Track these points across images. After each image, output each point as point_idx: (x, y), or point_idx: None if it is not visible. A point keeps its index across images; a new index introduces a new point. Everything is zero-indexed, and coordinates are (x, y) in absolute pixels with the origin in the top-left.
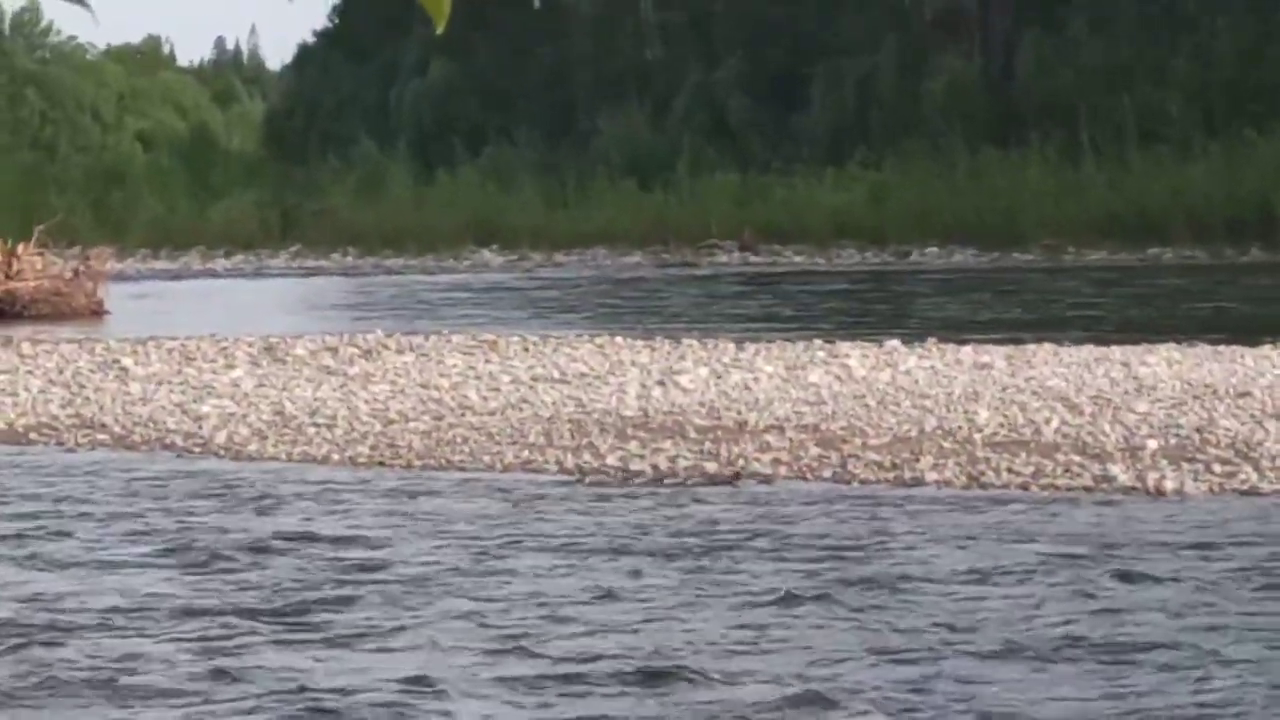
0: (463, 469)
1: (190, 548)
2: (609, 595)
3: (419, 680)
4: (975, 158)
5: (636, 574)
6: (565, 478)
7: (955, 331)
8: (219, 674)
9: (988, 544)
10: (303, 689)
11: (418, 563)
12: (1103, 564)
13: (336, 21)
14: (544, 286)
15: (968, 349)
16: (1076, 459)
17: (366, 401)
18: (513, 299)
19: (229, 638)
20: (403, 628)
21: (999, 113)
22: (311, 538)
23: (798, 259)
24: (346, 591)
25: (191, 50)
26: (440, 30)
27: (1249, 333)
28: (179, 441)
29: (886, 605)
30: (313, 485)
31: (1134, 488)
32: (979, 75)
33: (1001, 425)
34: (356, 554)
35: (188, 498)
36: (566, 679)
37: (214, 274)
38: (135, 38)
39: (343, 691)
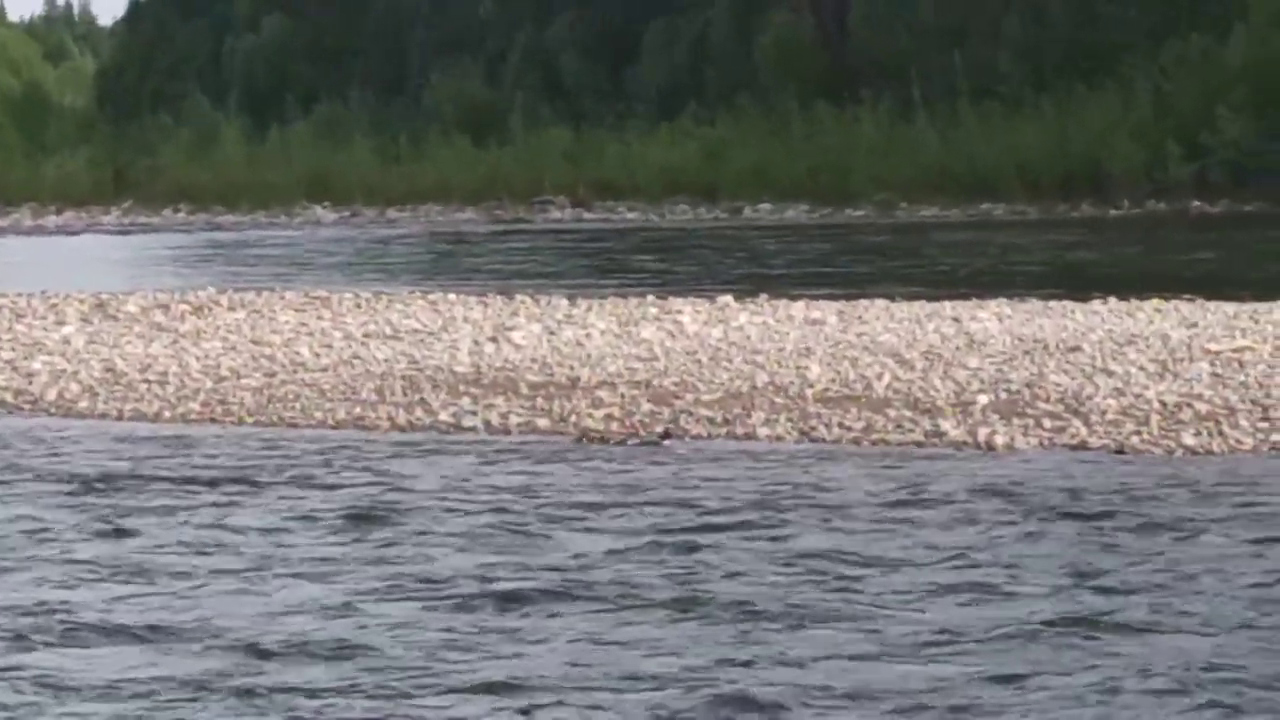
0: (294, 425)
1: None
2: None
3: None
4: (808, 114)
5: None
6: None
7: (787, 287)
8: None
9: (815, 495)
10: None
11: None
12: (932, 515)
13: None
14: (377, 243)
15: (799, 305)
16: (908, 414)
17: (198, 358)
18: (345, 255)
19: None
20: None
21: (832, 69)
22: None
23: (631, 215)
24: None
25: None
26: None
27: (1080, 288)
28: (9, 399)
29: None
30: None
31: (965, 442)
32: (812, 32)
33: (833, 381)
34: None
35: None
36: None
37: (45, 230)
38: None
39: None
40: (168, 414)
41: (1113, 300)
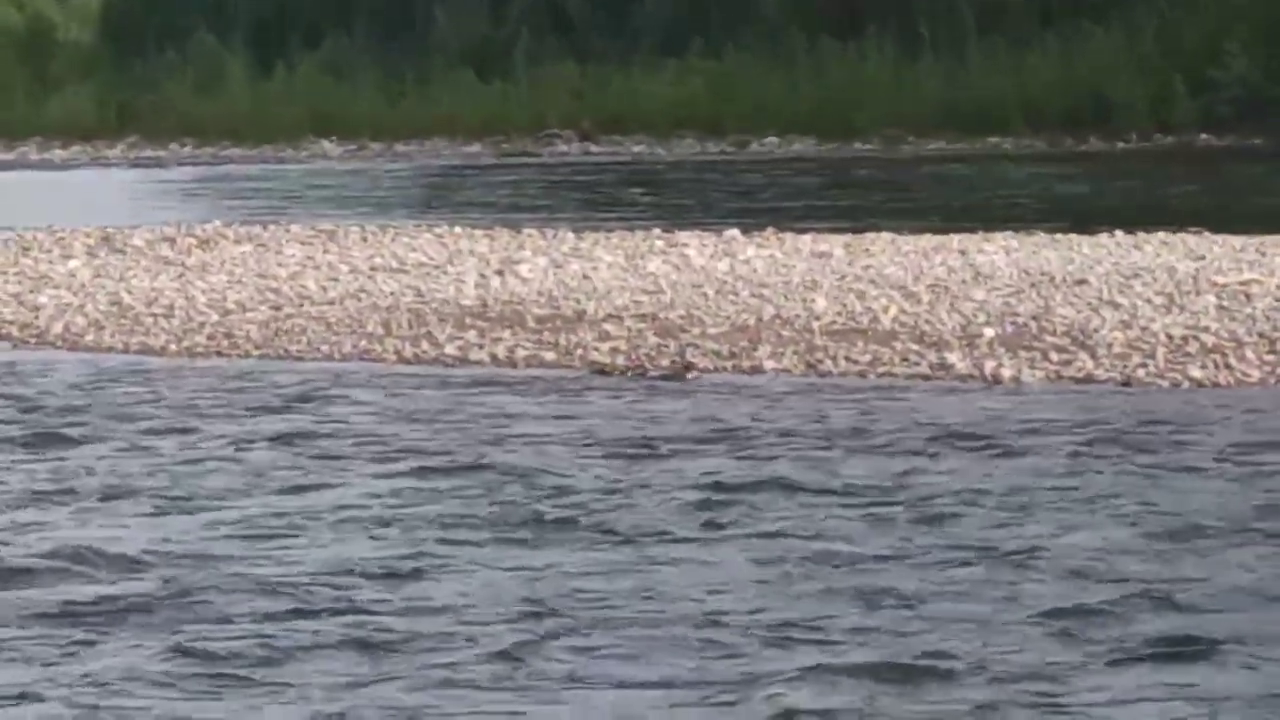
0: (300, 358)
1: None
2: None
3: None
4: (814, 50)
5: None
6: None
7: (794, 221)
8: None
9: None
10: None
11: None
12: (940, 448)
13: None
14: (384, 177)
15: (806, 238)
16: (914, 347)
17: (204, 292)
18: (352, 189)
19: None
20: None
21: (837, 5)
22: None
23: (637, 149)
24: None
25: None
26: None
27: (1086, 222)
28: (15, 332)
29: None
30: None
31: (971, 375)
32: None
33: (839, 314)
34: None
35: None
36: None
37: (51, 165)
38: None
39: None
40: (174, 347)
41: (1119, 233)
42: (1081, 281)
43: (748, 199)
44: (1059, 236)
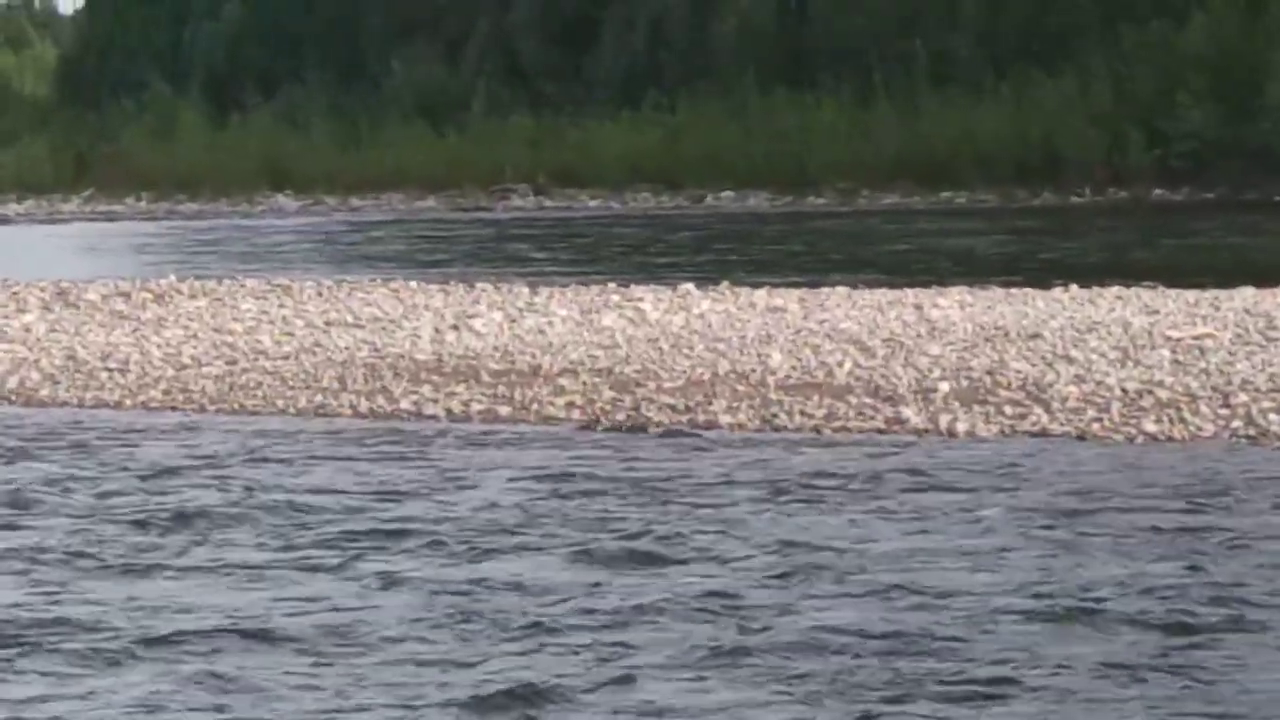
0: (256, 413)
1: None
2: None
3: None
4: (768, 99)
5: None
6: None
7: (749, 275)
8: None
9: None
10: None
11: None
12: (894, 503)
13: None
14: (339, 231)
15: (761, 292)
16: (869, 401)
17: (159, 346)
18: (308, 244)
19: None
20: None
21: (791, 54)
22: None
23: (592, 203)
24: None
25: None
26: None
27: (1041, 276)
28: None
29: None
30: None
31: (926, 429)
32: (772, 16)
33: (794, 368)
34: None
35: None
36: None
37: (5, 219)
38: None
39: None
40: (129, 402)
41: (1074, 287)
42: (1036, 336)
43: (703, 253)
44: (1014, 291)
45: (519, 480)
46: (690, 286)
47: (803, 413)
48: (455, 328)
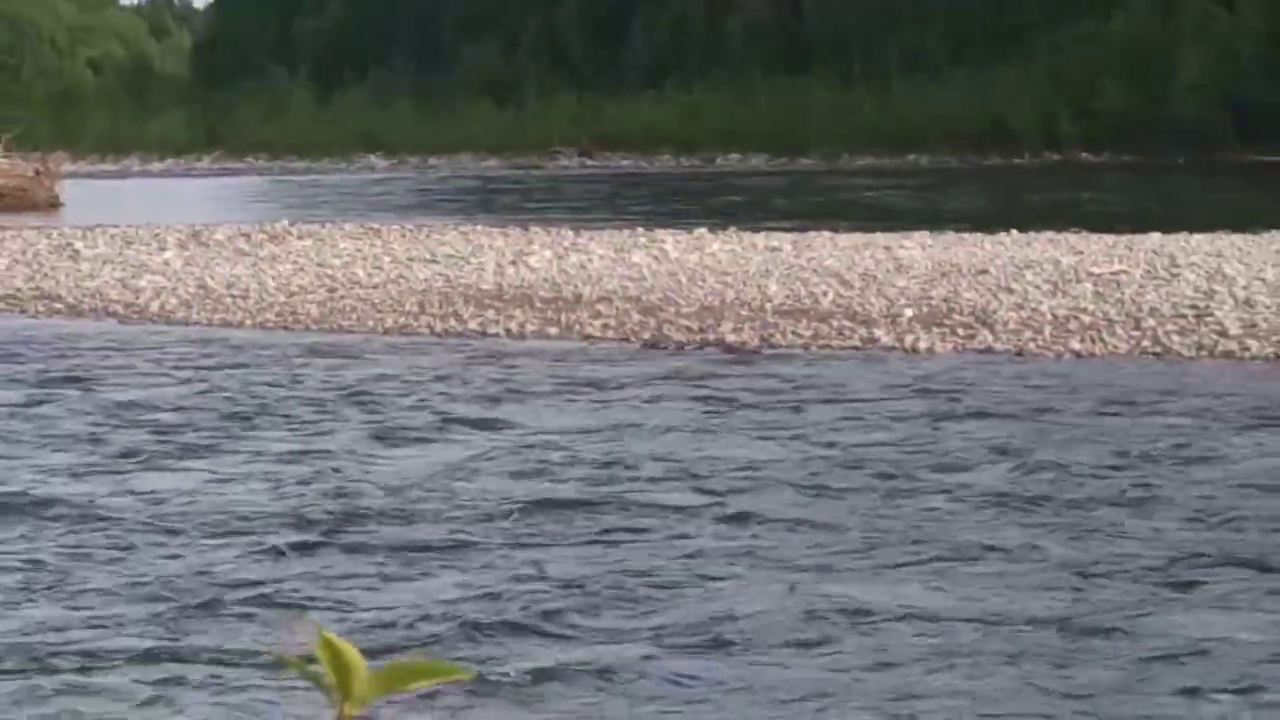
0: (351, 332)
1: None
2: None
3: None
4: (769, 82)
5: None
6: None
7: (751, 221)
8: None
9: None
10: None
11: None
12: (867, 407)
13: None
14: (419, 185)
15: (761, 235)
16: (848, 324)
17: (273, 278)
18: (393, 195)
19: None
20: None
21: (788, 46)
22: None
23: (625, 163)
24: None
25: None
26: None
27: (988, 223)
28: (120, 310)
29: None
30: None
31: (894, 347)
32: (772, 15)
33: (788, 297)
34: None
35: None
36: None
37: (149, 174)
38: None
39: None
40: (248, 322)
41: (1014, 232)
42: (983, 271)
43: (714, 203)
44: (965, 235)
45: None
46: (704, 230)
47: (794, 333)
48: (513, 263)
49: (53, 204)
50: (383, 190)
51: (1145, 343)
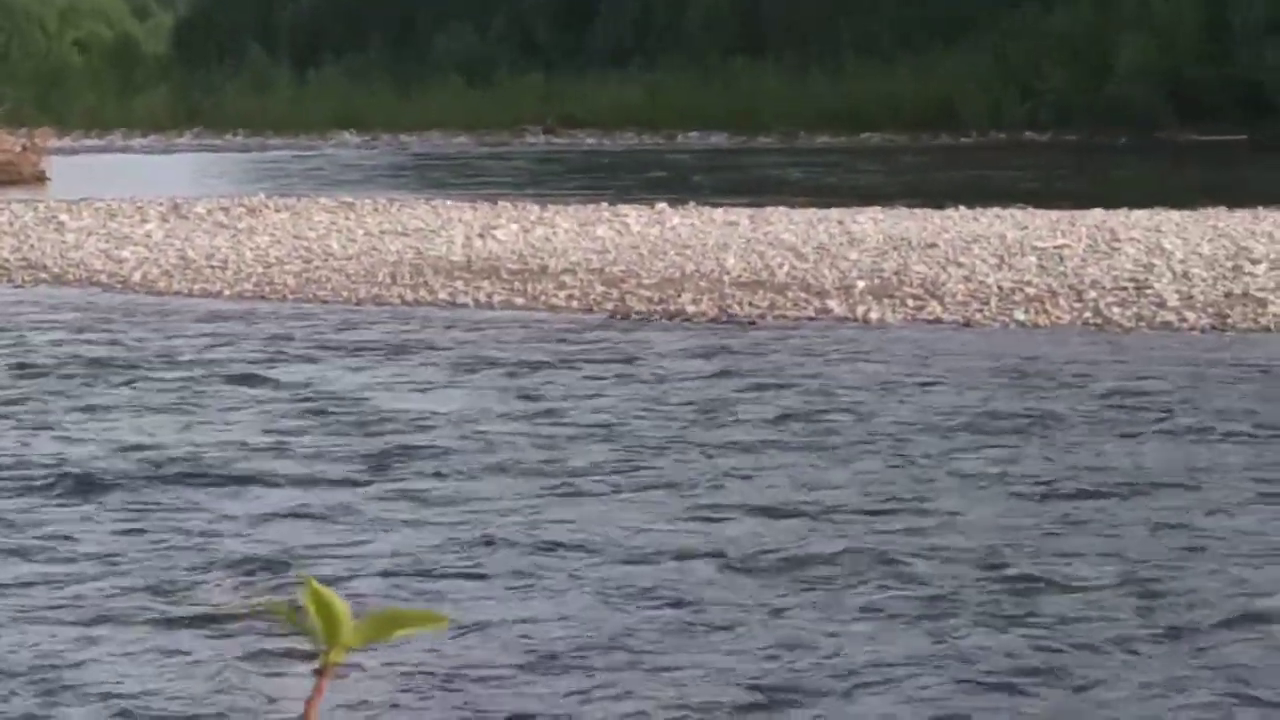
0: (325, 302)
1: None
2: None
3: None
4: (727, 65)
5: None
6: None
7: (710, 197)
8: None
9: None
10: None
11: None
12: (820, 376)
13: None
14: (391, 161)
15: (720, 210)
16: (803, 295)
17: (251, 249)
18: (366, 170)
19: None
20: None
21: (746, 31)
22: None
23: (589, 141)
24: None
25: None
26: None
27: (936, 198)
28: (104, 279)
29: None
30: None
31: (847, 318)
32: (730, 2)
33: (745, 269)
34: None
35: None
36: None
37: (132, 150)
38: None
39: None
40: (227, 292)
41: (962, 208)
42: (932, 245)
43: (674, 179)
44: (915, 210)
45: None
46: (664, 205)
47: (751, 304)
48: (481, 236)
49: (39, 178)
50: (356, 166)
51: (1087, 314)
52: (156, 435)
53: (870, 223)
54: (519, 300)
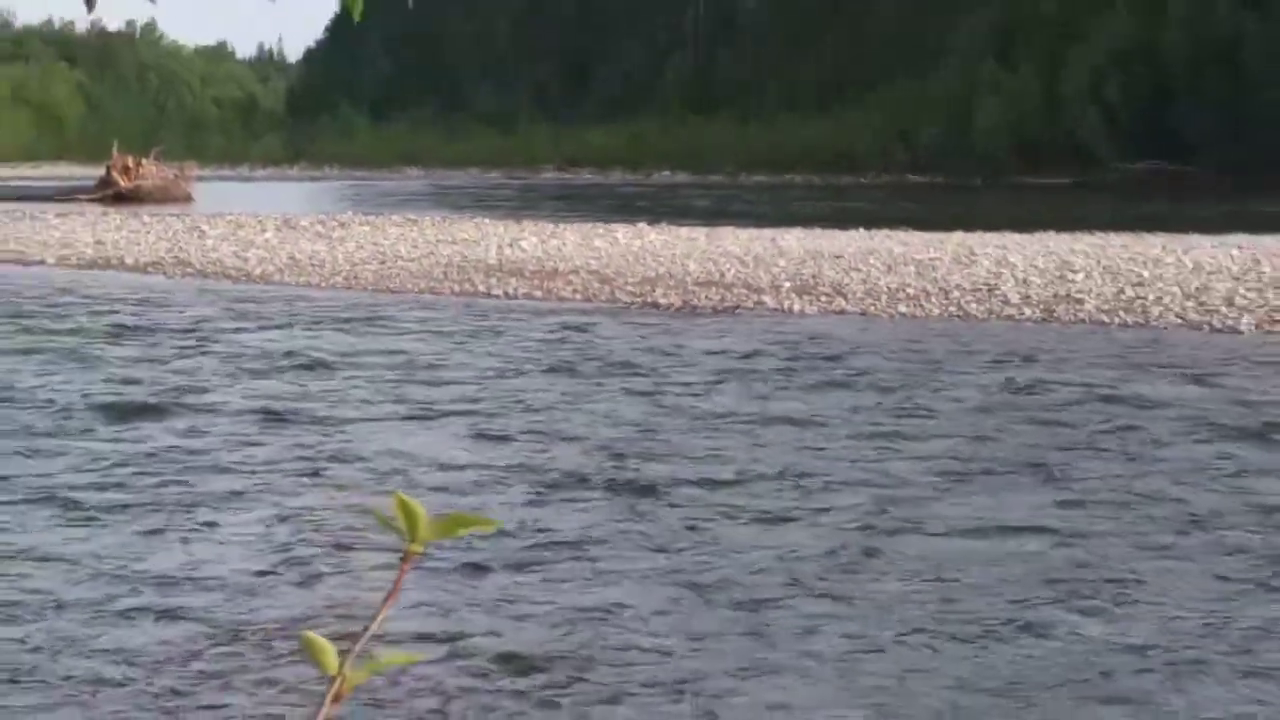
0: (395, 291)
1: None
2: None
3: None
4: (688, 118)
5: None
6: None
7: (677, 218)
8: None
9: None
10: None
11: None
12: (753, 352)
13: (327, 35)
14: (442, 190)
15: (684, 229)
16: (744, 291)
17: (341, 253)
18: (425, 197)
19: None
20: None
21: (700, 91)
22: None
23: (588, 176)
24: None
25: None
26: (357, 19)
27: (842, 222)
28: (233, 273)
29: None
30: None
31: (776, 309)
32: (691, 69)
33: (703, 273)
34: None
35: (235, 301)
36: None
37: (254, 179)
38: (212, 40)
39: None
40: (324, 284)
41: (861, 230)
42: (839, 257)
43: (651, 206)
44: (827, 231)
45: (548, 328)
46: (644, 225)
47: (707, 298)
48: (510, 245)
49: (186, 199)
50: (417, 193)
51: (951, 309)
52: (279, 363)
53: (794, 240)
54: (538, 293)
